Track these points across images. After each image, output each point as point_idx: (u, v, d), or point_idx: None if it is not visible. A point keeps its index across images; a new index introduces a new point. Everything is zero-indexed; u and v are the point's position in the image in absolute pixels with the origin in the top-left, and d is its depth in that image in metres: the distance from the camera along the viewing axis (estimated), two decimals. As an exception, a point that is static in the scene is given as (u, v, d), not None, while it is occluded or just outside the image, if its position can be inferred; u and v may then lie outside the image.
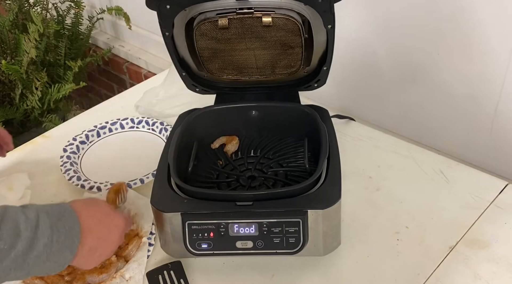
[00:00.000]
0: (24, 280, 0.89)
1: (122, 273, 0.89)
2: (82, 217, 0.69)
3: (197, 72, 1.04)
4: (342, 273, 0.88)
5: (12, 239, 0.59)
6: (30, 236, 0.61)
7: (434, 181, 1.05)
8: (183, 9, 0.88)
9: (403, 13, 1.12)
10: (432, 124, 1.21)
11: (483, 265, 0.87)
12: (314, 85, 1.02)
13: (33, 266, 0.62)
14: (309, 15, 0.89)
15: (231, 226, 0.84)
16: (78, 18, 2.02)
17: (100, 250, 0.75)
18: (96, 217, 0.75)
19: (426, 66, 1.14)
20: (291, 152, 1.02)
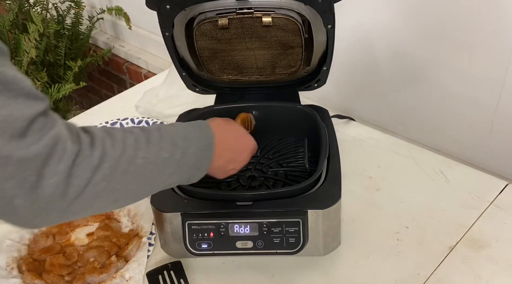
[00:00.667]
0: (24, 280, 0.89)
1: (122, 273, 0.89)
2: (217, 132, 0.75)
3: (197, 72, 1.04)
4: (342, 273, 0.88)
5: (172, 149, 0.67)
6: (183, 145, 0.68)
7: (434, 181, 1.05)
8: (183, 9, 0.88)
9: (403, 13, 1.12)
10: (432, 124, 1.21)
11: (483, 265, 0.87)
12: (314, 85, 1.03)
13: (184, 172, 0.70)
14: (309, 15, 0.89)
15: (231, 226, 0.84)
16: (78, 18, 2.02)
17: (232, 164, 0.81)
18: (230, 135, 0.83)
19: (426, 66, 1.14)
20: (291, 152, 1.02)
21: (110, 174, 0.59)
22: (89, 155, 0.58)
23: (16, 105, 0.53)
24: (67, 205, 0.57)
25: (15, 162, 0.52)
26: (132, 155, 0.62)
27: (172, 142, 0.67)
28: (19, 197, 0.53)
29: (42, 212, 0.55)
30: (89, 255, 0.93)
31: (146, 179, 0.65)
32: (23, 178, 0.53)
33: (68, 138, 0.57)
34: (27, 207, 0.54)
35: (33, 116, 0.54)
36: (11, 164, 0.52)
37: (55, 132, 0.56)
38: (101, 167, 0.58)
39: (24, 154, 0.53)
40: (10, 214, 0.55)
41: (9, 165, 0.52)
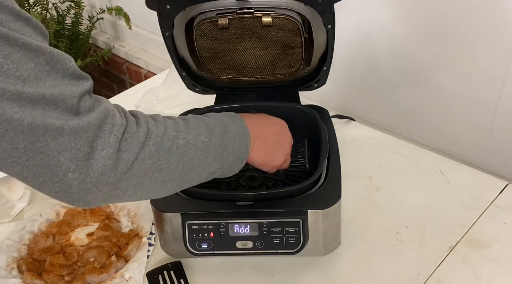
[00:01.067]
0: (24, 280, 0.89)
1: (122, 273, 0.89)
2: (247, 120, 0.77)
3: (197, 72, 1.04)
4: (342, 273, 0.88)
5: (209, 134, 0.69)
6: (220, 131, 0.71)
7: (434, 181, 1.05)
8: (183, 9, 0.88)
9: (404, 13, 1.12)
10: (432, 124, 1.21)
11: (483, 265, 0.87)
12: (314, 85, 1.02)
13: (225, 159, 0.71)
14: (309, 15, 0.89)
15: (231, 226, 0.84)
16: (78, 18, 2.02)
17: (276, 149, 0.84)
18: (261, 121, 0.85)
19: (426, 66, 1.14)
20: (291, 152, 1.02)
21: (156, 151, 0.61)
22: (136, 131, 0.60)
23: (64, 85, 0.55)
24: (117, 180, 0.58)
25: (68, 132, 0.54)
26: (173, 135, 0.64)
27: (209, 128, 0.70)
28: (72, 171, 0.55)
29: (94, 187, 0.57)
30: (89, 255, 0.93)
31: (190, 161, 0.66)
32: (77, 149, 0.55)
33: (116, 113, 0.59)
34: (80, 182, 0.56)
35: (81, 93, 0.56)
36: (65, 134, 0.54)
37: (104, 107, 0.58)
38: (147, 144, 0.61)
39: (77, 124, 0.54)
40: (63, 191, 0.56)
41: (63, 135, 0.54)
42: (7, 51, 0.51)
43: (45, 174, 0.55)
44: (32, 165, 0.54)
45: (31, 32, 0.55)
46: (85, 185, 0.56)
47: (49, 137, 0.53)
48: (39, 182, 0.55)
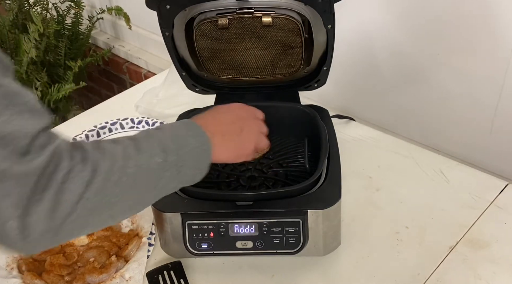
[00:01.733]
0: (24, 280, 0.89)
1: (122, 273, 0.89)
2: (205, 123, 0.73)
3: (197, 72, 1.04)
4: (342, 273, 0.88)
5: (163, 154, 0.64)
6: (174, 147, 0.66)
7: (434, 181, 1.05)
8: (183, 9, 0.88)
9: (404, 13, 1.12)
10: (432, 124, 1.21)
11: (483, 265, 0.87)
12: (314, 85, 1.02)
13: (185, 174, 0.68)
14: (309, 15, 0.89)
15: (231, 226, 0.84)
16: (78, 18, 2.02)
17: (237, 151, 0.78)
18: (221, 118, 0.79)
19: (426, 66, 1.14)
20: (291, 152, 1.02)
21: (103, 187, 0.58)
22: (82, 170, 0.56)
23: (21, 121, 0.52)
24: (59, 225, 0.55)
25: (13, 176, 0.51)
26: (122, 165, 0.60)
27: (162, 147, 0.65)
28: (13, 219, 0.52)
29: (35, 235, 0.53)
30: (89, 255, 0.93)
31: (144, 186, 0.63)
32: (21, 194, 0.52)
33: (64, 153, 0.56)
34: (19, 232, 0.52)
35: (36, 132, 0.53)
36: (9, 179, 0.51)
37: (54, 147, 0.55)
38: (93, 181, 0.57)
39: (24, 169, 0.52)
40: (3, 239, 0.53)
41: (9, 180, 0.51)
42: None
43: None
44: None
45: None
46: (24, 234, 0.53)
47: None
48: None
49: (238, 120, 0.80)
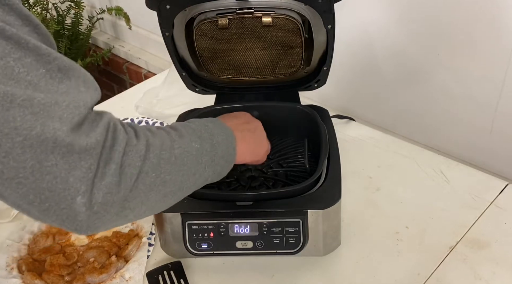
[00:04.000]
0: (24, 280, 0.89)
1: (122, 273, 0.89)
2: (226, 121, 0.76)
3: (197, 72, 1.04)
4: (342, 273, 0.88)
5: (199, 140, 0.67)
6: (208, 136, 0.69)
7: (434, 181, 1.05)
8: (183, 9, 0.88)
9: (404, 13, 1.12)
10: (432, 124, 1.21)
11: (483, 265, 0.87)
12: (314, 85, 1.02)
13: (217, 164, 0.70)
14: (309, 15, 0.89)
15: (231, 226, 0.84)
16: (78, 18, 2.02)
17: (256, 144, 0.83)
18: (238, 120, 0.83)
19: (426, 66, 1.14)
20: (291, 152, 1.02)
21: (157, 163, 0.59)
22: (136, 143, 0.57)
23: (78, 93, 0.52)
24: (124, 198, 0.55)
25: (78, 149, 0.51)
26: (170, 145, 0.62)
27: (197, 134, 0.68)
28: (82, 193, 0.51)
29: (101, 209, 0.53)
30: (89, 255, 0.93)
31: (188, 169, 0.64)
32: (87, 167, 0.51)
33: (119, 126, 0.56)
34: (88, 207, 0.52)
35: (92, 105, 0.54)
36: (75, 152, 0.51)
37: (107, 121, 0.55)
38: (148, 156, 0.58)
39: (85, 142, 0.51)
40: (71, 218, 0.53)
41: (73, 153, 0.51)
42: (18, 55, 0.48)
43: (52, 198, 0.51)
44: (39, 187, 0.50)
45: (39, 39, 0.52)
46: (92, 209, 0.53)
47: (58, 156, 0.50)
48: (45, 207, 0.51)
49: (250, 122, 0.85)
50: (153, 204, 0.61)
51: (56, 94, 0.50)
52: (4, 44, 0.48)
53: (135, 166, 0.56)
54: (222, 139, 0.71)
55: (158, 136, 0.61)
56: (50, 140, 0.49)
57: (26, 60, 0.49)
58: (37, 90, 0.49)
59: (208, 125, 0.71)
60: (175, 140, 0.63)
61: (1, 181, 0.50)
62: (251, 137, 0.81)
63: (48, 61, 0.50)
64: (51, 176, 0.50)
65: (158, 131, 0.63)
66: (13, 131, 0.48)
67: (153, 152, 0.59)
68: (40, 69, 0.50)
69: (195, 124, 0.70)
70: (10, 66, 0.48)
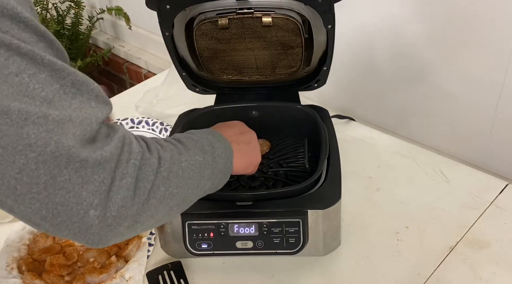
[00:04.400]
0: (24, 280, 0.89)
1: (122, 273, 0.89)
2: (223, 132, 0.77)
3: (197, 72, 1.04)
4: (342, 273, 0.88)
5: (202, 153, 0.68)
6: (209, 149, 0.70)
7: (434, 181, 1.05)
8: (183, 9, 0.88)
9: (404, 13, 1.12)
10: (432, 124, 1.21)
11: (483, 265, 0.87)
12: (314, 85, 1.02)
13: (216, 176, 0.70)
14: (309, 15, 0.89)
15: (231, 226, 0.84)
16: (78, 18, 2.02)
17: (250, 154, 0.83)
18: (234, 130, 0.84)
19: (426, 66, 1.14)
20: (291, 152, 1.02)
21: (167, 177, 0.59)
22: (150, 157, 0.58)
23: (90, 108, 0.53)
24: (137, 212, 0.56)
25: (92, 164, 0.51)
26: (178, 158, 0.63)
27: (200, 147, 0.68)
28: (95, 207, 0.52)
29: (114, 222, 0.54)
30: (89, 255, 0.93)
31: (193, 182, 0.65)
32: (99, 181, 0.52)
33: (133, 140, 0.57)
34: (101, 219, 0.53)
35: (102, 119, 0.54)
36: (89, 166, 0.51)
37: (121, 134, 0.56)
38: (159, 170, 0.58)
39: (100, 155, 0.52)
40: (83, 231, 0.53)
41: (87, 168, 0.51)
42: (32, 71, 0.49)
43: (65, 213, 0.51)
44: (51, 202, 0.51)
45: (54, 54, 0.52)
46: (106, 222, 0.53)
47: (72, 171, 0.50)
48: (58, 222, 0.52)
49: (246, 132, 0.85)
50: (160, 217, 0.61)
51: (69, 110, 0.51)
52: (19, 60, 0.48)
53: (148, 180, 0.57)
54: (221, 152, 0.72)
55: (167, 149, 0.62)
56: (64, 157, 0.50)
57: (41, 76, 0.49)
58: (51, 107, 0.50)
59: (209, 138, 0.72)
60: (182, 153, 0.64)
61: (14, 197, 0.50)
62: (246, 150, 0.81)
63: (62, 77, 0.51)
64: (64, 190, 0.51)
65: (166, 144, 0.64)
66: (27, 148, 0.48)
67: (163, 166, 0.59)
68: (54, 84, 0.50)
69: (196, 136, 0.71)
70: (25, 83, 0.48)
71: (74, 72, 0.52)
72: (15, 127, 0.47)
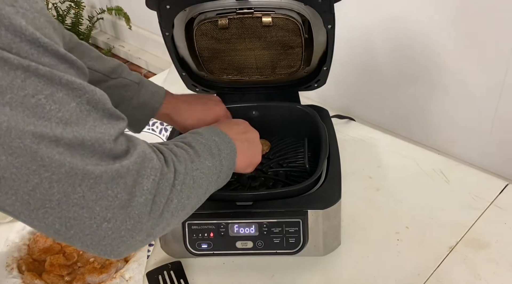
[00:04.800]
0: (24, 280, 0.89)
1: (122, 273, 0.89)
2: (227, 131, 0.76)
3: (197, 72, 1.04)
4: (342, 273, 0.88)
5: (211, 157, 0.68)
6: (217, 152, 0.70)
7: (434, 181, 1.05)
8: (183, 9, 0.88)
9: (403, 13, 1.12)
10: (432, 124, 1.21)
11: (483, 265, 0.87)
12: (314, 85, 1.02)
13: (221, 178, 0.71)
14: (309, 15, 0.89)
15: (231, 226, 0.84)
16: (78, 18, 2.02)
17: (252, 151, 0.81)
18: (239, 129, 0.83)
19: (426, 66, 1.14)
20: (291, 152, 1.02)
21: (180, 190, 0.60)
22: (167, 172, 0.58)
23: (103, 126, 0.53)
24: (152, 226, 0.56)
25: (106, 180, 0.52)
26: (190, 167, 0.63)
27: (208, 150, 0.68)
28: (108, 220, 0.53)
29: (128, 235, 0.55)
30: (89, 255, 0.93)
31: (201, 190, 0.65)
32: (113, 196, 0.52)
33: (154, 156, 0.57)
34: (114, 231, 0.53)
35: (117, 135, 0.54)
36: (103, 182, 0.52)
37: (141, 150, 0.56)
38: (175, 183, 0.59)
39: (116, 171, 0.52)
40: (95, 243, 0.54)
41: (101, 183, 0.52)
42: (49, 91, 0.49)
43: (77, 226, 0.52)
44: (65, 217, 0.51)
45: (74, 74, 0.53)
46: (119, 234, 0.54)
47: (86, 188, 0.51)
48: (70, 234, 0.53)
49: (249, 131, 0.84)
50: (171, 228, 0.62)
51: (84, 130, 0.51)
52: (36, 81, 0.48)
53: (164, 194, 0.57)
54: (227, 154, 0.72)
55: (181, 159, 0.62)
56: (78, 176, 0.50)
57: (58, 95, 0.49)
58: (67, 127, 0.50)
59: (216, 140, 0.71)
60: (193, 161, 0.64)
61: (28, 212, 0.51)
62: (249, 149, 0.81)
63: (79, 95, 0.51)
64: (78, 207, 0.51)
65: (180, 152, 0.63)
66: (41, 168, 0.49)
67: (178, 179, 0.60)
68: (71, 103, 0.50)
69: (204, 138, 0.70)
70: (42, 104, 0.48)
71: (92, 91, 0.53)
72: (29, 150, 0.48)
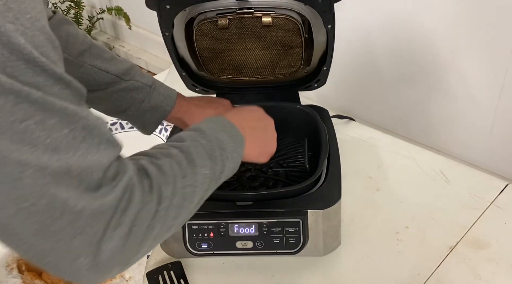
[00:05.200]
0: (24, 280, 0.89)
1: (122, 273, 0.89)
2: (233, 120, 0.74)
3: (197, 72, 1.04)
4: (342, 273, 0.88)
5: (212, 164, 0.65)
6: (219, 153, 0.67)
7: (434, 181, 1.05)
8: (183, 9, 0.88)
9: (403, 13, 1.12)
10: (432, 124, 1.21)
11: (483, 265, 0.87)
12: (314, 85, 1.02)
13: (222, 180, 0.69)
14: (309, 15, 0.89)
15: (231, 226, 0.84)
16: (78, 18, 2.02)
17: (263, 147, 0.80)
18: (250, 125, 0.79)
19: (426, 67, 1.14)
20: (291, 152, 1.02)
21: (165, 214, 0.57)
22: (149, 200, 0.56)
23: (96, 154, 0.51)
24: (129, 255, 0.55)
25: (87, 215, 0.50)
26: (181, 185, 0.60)
27: (208, 154, 0.65)
28: (84, 256, 0.51)
29: (104, 268, 0.53)
30: (89, 255, 0.93)
31: (193, 203, 0.63)
32: (93, 233, 0.50)
33: (136, 185, 0.55)
34: (90, 267, 0.52)
35: (109, 163, 0.52)
36: (83, 218, 0.50)
37: (127, 178, 0.54)
38: (158, 209, 0.56)
39: (98, 207, 0.50)
40: (70, 272, 0.52)
41: (81, 219, 0.49)
42: (40, 117, 0.47)
43: (53, 256, 0.50)
44: (41, 247, 0.50)
45: (69, 95, 0.50)
46: (95, 267, 0.52)
47: (66, 222, 0.49)
48: (45, 262, 0.51)
49: (263, 119, 0.82)
50: (152, 248, 0.60)
51: (73, 158, 0.49)
52: (27, 107, 0.46)
53: (143, 225, 0.55)
54: (231, 152, 0.68)
55: (170, 180, 0.59)
56: (58, 209, 0.48)
57: (50, 122, 0.47)
58: (54, 155, 0.48)
59: (219, 138, 0.68)
60: (186, 177, 0.61)
61: (5, 236, 0.50)
62: (261, 137, 0.78)
63: (73, 122, 0.49)
64: (55, 238, 0.49)
65: (170, 168, 0.60)
66: (20, 198, 0.47)
67: (162, 204, 0.57)
68: (64, 129, 0.48)
69: (205, 138, 0.67)
70: (30, 130, 0.46)
71: (87, 116, 0.51)
72: (10, 178, 0.46)
